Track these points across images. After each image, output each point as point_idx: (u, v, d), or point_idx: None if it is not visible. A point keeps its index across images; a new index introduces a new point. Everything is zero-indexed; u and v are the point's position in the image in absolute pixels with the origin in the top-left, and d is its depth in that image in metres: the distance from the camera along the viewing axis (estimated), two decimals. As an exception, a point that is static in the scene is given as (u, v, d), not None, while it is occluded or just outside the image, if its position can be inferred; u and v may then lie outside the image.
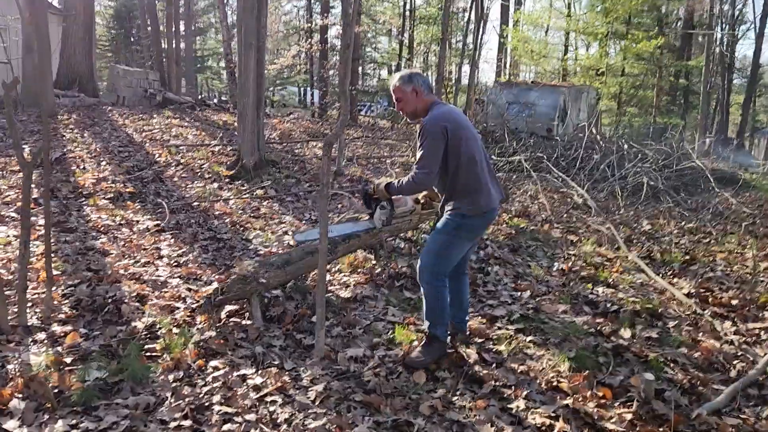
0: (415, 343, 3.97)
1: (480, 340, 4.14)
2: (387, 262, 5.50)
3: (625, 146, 13.30)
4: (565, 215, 8.63)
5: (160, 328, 3.89)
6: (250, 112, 9.21)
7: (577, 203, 9.20)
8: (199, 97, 21.80)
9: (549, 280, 5.58)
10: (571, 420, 3.24)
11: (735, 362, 4.20)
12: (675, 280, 5.99)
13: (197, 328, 3.96)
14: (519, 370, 3.78)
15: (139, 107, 16.04)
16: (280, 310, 4.27)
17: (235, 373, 3.45)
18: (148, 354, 3.60)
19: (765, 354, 4.20)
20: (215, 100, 21.73)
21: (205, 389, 3.28)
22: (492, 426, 3.17)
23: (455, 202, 3.66)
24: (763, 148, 33.30)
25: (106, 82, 21.64)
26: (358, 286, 4.97)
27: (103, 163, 9.26)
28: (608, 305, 4.97)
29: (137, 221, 6.67)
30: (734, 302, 5.32)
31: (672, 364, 4.03)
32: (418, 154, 3.56)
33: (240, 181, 8.99)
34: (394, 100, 3.82)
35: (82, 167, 8.96)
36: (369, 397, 3.30)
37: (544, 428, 3.17)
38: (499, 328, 4.38)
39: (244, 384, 3.36)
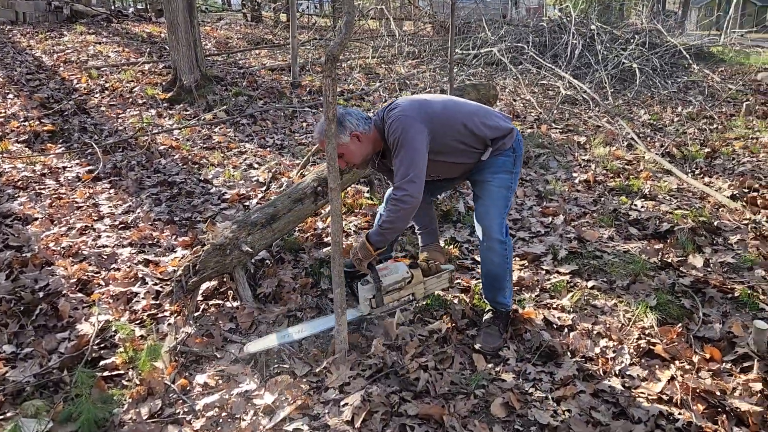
0: (458, 307, 3.09)
1: (534, 294, 3.29)
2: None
3: (593, 27, 12.28)
4: (555, 111, 7.71)
5: (116, 332, 2.87)
6: (181, 20, 7.69)
7: (568, 97, 8.26)
8: (113, 7, 19.28)
9: (577, 198, 4.72)
10: (688, 402, 2.47)
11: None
12: (708, 180, 5.24)
13: (168, 324, 2.95)
14: (595, 332, 2.96)
15: (45, 24, 13.83)
16: (274, 283, 3.28)
17: (234, 392, 2.50)
18: (106, 375, 2.60)
19: None
20: (131, 10, 19.27)
21: (197, 425, 2.33)
22: (596, 426, 2.36)
23: (492, 148, 2.84)
24: (694, 20, 32.64)
25: (1, -2, 18.81)
26: (360, 232, 3.99)
27: (10, 96, 7.65)
28: (657, 223, 4.18)
29: (63, 168, 5.39)
30: (787, 202, 4.61)
31: (762, 296, 3.30)
32: (396, 165, 2.65)
33: (181, 105, 7.62)
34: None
35: (-17, 104, 7.39)
36: (425, 405, 2.43)
37: (661, 421, 2.38)
38: (548, 273, 3.53)
39: (250, 407, 2.43)
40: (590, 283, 3.37)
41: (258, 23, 17.41)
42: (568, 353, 2.80)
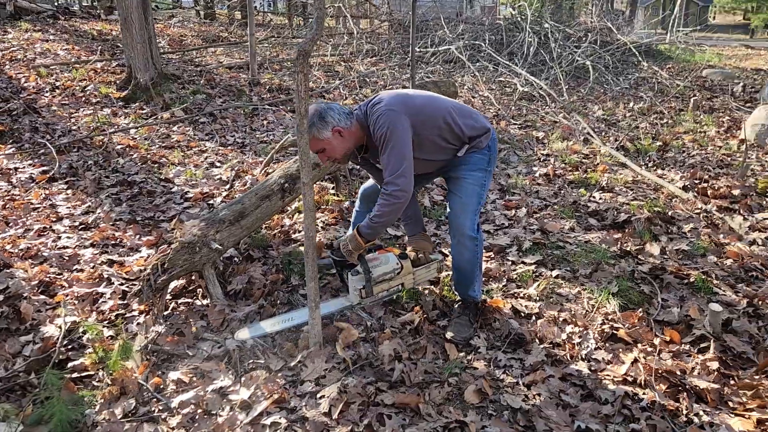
0: (430, 298, 3.14)
1: (501, 285, 3.37)
2: (351, 190, 4.54)
3: (546, 25, 12.56)
4: (513, 108, 7.86)
5: (84, 332, 2.81)
6: (135, 16, 7.53)
7: (525, 93, 8.43)
8: (57, 3, 18.61)
9: (538, 191, 4.84)
10: (652, 382, 2.57)
11: (773, 267, 3.70)
12: (661, 172, 5.45)
13: (138, 323, 2.91)
14: (561, 319, 3.06)
15: (-13, 21, 13.33)
16: (244, 280, 3.26)
17: (209, 388, 2.49)
18: (76, 377, 2.55)
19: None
20: (77, 7, 18.65)
21: (173, 423, 2.31)
22: (565, 409, 2.45)
23: (468, 145, 2.89)
24: (640, 19, 33.65)
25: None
26: (329, 228, 4.00)
27: (-45, 96, 7.37)
28: (615, 213, 4.33)
29: (15, 169, 5.22)
30: (735, 192, 4.84)
31: (716, 281, 3.46)
32: (385, 160, 2.68)
33: (137, 104, 7.46)
34: (317, 154, 2.84)
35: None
36: (401, 394, 2.47)
37: (627, 401, 2.48)
38: (514, 263, 3.62)
39: (226, 403, 2.42)
40: (554, 273, 3.47)
41: (212, 21, 17.15)
42: (537, 340, 2.88)
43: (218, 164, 5.57)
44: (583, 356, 2.78)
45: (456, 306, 3.02)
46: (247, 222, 3.44)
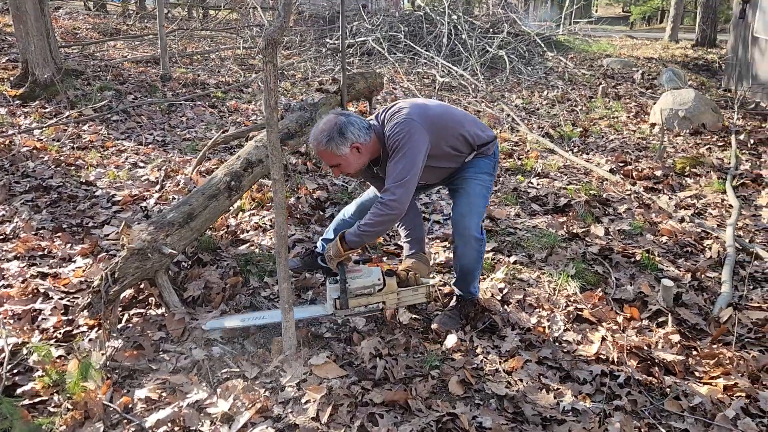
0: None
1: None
2: (294, 187, 4.40)
3: (455, 17, 12.81)
4: (435, 98, 7.94)
5: (29, 354, 2.54)
6: (30, 7, 6.90)
7: (445, 84, 8.54)
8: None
9: (478, 179, 4.90)
10: (624, 360, 2.67)
11: (704, 242, 3.96)
12: (586, 156, 5.69)
13: (90, 339, 2.66)
14: (527, 303, 3.11)
15: None
16: (201, 285, 3.07)
17: (184, 403, 2.31)
18: (30, 404, 2.29)
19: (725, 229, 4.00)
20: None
21: (151, 445, 2.13)
22: (549, 392, 2.48)
23: (476, 152, 2.88)
24: (539, 7, 35.12)
25: None
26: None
27: None
28: (555, 198, 4.46)
29: None
30: (657, 173, 5.14)
31: (658, 258, 3.65)
32: (391, 167, 2.61)
33: (38, 102, 6.86)
34: (331, 168, 2.75)
35: None
36: (388, 391, 2.41)
37: (604, 379, 2.55)
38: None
39: (205, 417, 2.26)
40: (512, 258, 3.52)
41: (104, 13, 16.13)
42: (509, 326, 2.91)
43: (142, 164, 5.23)
44: (555, 339, 2.84)
45: (453, 300, 3.00)
46: (197, 224, 3.24)
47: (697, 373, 2.63)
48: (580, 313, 3.01)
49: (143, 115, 6.79)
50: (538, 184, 4.78)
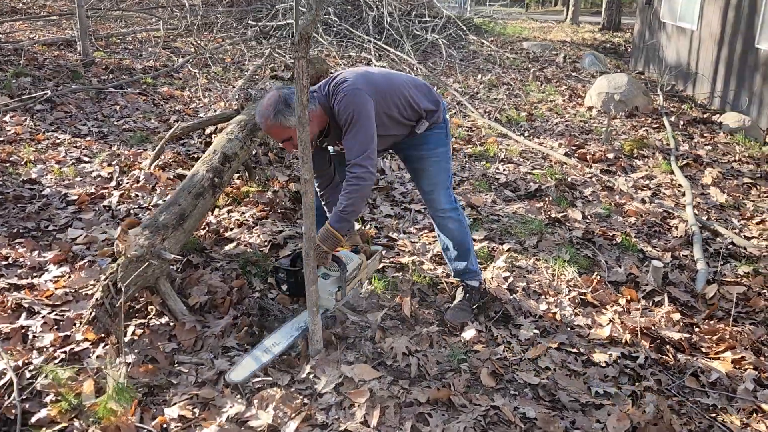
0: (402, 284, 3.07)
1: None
2: (265, 181, 4.24)
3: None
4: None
5: (35, 377, 2.30)
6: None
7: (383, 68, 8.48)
8: None
9: (447, 166, 4.93)
10: (637, 342, 2.79)
11: (668, 221, 4.21)
12: (538, 140, 5.85)
13: (98, 356, 2.45)
14: (531, 290, 3.17)
15: None
16: (203, 289, 2.89)
17: (222, 419, 2.18)
18: (46, 433, 2.08)
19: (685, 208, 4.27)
20: None
21: (201, 467, 1.99)
22: (578, 377, 2.56)
23: (427, 121, 2.83)
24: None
25: None
26: (263, 223, 3.69)
27: None
28: (526, 184, 4.57)
29: None
30: (609, 156, 5.38)
31: (635, 239, 3.84)
32: (350, 142, 2.57)
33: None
34: (282, 143, 2.70)
35: None
36: (428, 389, 2.39)
37: (626, 362, 2.66)
38: (464, 241, 3.66)
39: (247, 431, 2.15)
40: (505, 246, 3.58)
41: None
42: (522, 315, 2.96)
43: (86, 159, 4.84)
44: (567, 324, 2.92)
45: (460, 291, 2.98)
46: (189, 224, 3.05)
47: (703, 349, 2.79)
48: (583, 297, 3.12)
49: (71, 104, 6.27)
50: (504, 170, 4.88)
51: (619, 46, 14.58)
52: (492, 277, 3.20)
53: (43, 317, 2.67)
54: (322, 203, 3.04)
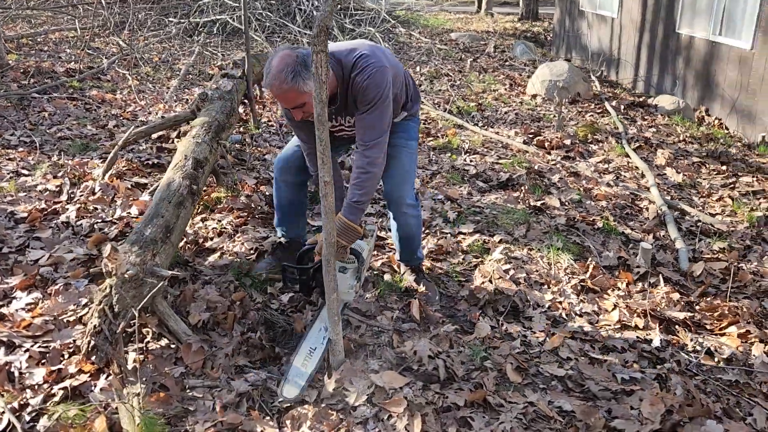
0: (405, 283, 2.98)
1: (460, 259, 3.33)
2: (233, 185, 4.01)
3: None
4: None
5: (37, 418, 2.04)
6: None
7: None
8: None
9: (415, 160, 4.86)
10: (648, 325, 2.82)
11: (637, 203, 4.32)
12: (492, 130, 5.89)
13: (100, 390, 2.21)
14: (532, 281, 3.16)
15: None
16: (202, 306, 2.68)
17: (257, 447, 2.02)
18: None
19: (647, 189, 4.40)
20: None
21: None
22: (601, 365, 2.56)
23: (407, 113, 2.80)
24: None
25: None
26: (243, 231, 3.48)
27: None
28: (497, 174, 4.57)
29: None
30: (566, 142, 5.48)
31: (614, 222, 3.91)
32: (368, 122, 2.43)
33: None
34: (292, 110, 2.41)
35: None
36: (463, 391, 2.32)
37: (643, 345, 2.68)
38: (452, 236, 3.59)
39: (289, 457, 2.00)
40: (497, 238, 3.55)
41: None
42: (530, 306, 2.93)
43: (25, 172, 4.42)
44: (575, 312, 2.92)
45: (410, 278, 3.04)
46: (175, 237, 2.84)
47: (707, 327, 2.87)
48: (584, 284, 3.13)
49: (17, 111, 5.74)
50: (471, 161, 4.86)
51: (539, 34, 14.99)
52: (493, 270, 3.16)
53: (26, 351, 2.38)
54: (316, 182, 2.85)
